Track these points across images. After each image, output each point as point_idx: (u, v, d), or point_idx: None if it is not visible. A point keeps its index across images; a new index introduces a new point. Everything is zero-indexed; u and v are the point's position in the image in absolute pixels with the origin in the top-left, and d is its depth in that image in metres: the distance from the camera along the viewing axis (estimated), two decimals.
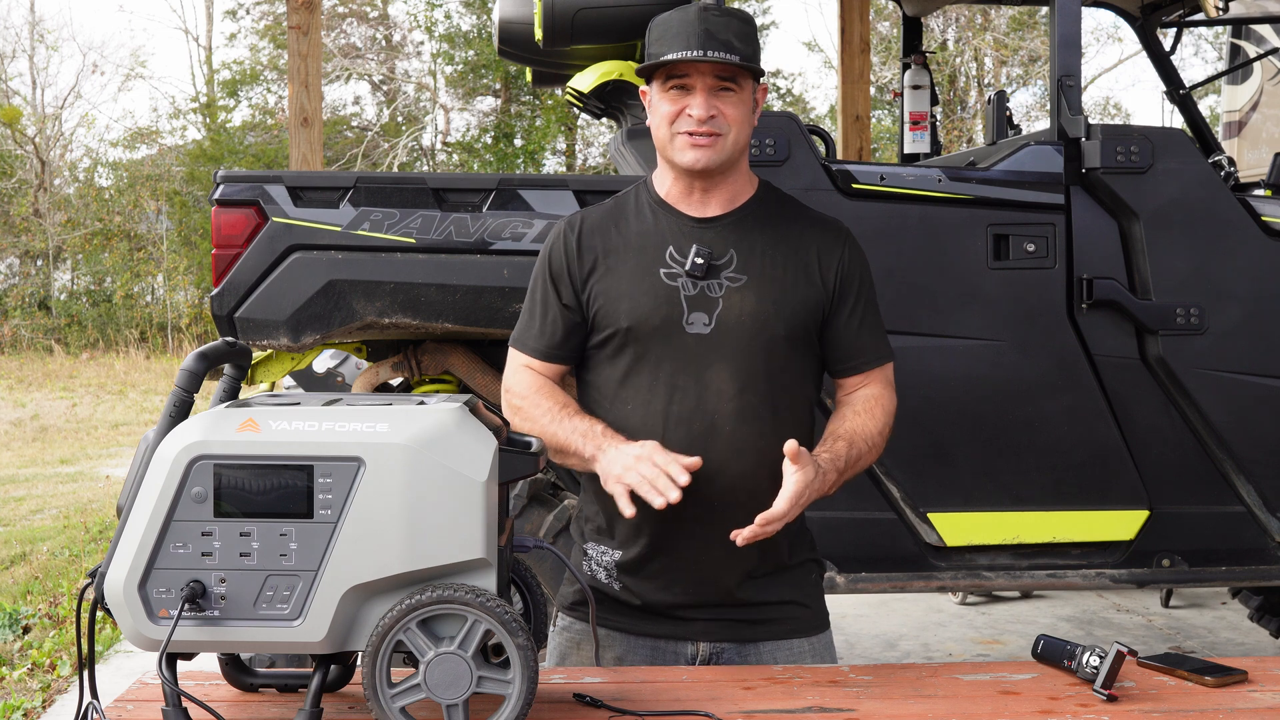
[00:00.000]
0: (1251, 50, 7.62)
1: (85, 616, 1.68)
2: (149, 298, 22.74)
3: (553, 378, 2.19)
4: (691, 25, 2.07)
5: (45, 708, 4.41)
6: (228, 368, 1.96)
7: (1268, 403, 3.48)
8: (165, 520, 1.59)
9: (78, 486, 9.41)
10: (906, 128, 4.88)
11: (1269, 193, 3.72)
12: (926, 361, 3.38)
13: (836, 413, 2.20)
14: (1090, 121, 3.46)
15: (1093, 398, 3.44)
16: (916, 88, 4.90)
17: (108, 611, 1.61)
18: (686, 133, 2.10)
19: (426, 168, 22.74)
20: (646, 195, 2.22)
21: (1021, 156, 3.48)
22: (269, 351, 3.48)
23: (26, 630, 5.39)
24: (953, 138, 19.88)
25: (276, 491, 1.59)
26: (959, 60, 21.41)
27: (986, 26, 20.70)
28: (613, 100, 3.82)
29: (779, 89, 23.76)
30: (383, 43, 24.33)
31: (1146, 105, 39.15)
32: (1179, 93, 4.47)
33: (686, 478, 1.95)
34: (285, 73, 19.92)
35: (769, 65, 26.21)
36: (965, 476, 3.45)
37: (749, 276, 2.12)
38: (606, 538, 2.18)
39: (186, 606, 1.58)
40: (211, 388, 2.57)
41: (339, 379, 6.05)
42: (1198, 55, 22.09)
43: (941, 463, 3.43)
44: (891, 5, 7.84)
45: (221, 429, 1.61)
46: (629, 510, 1.97)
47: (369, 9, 23.96)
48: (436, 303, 3.24)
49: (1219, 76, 9.57)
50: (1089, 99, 21.81)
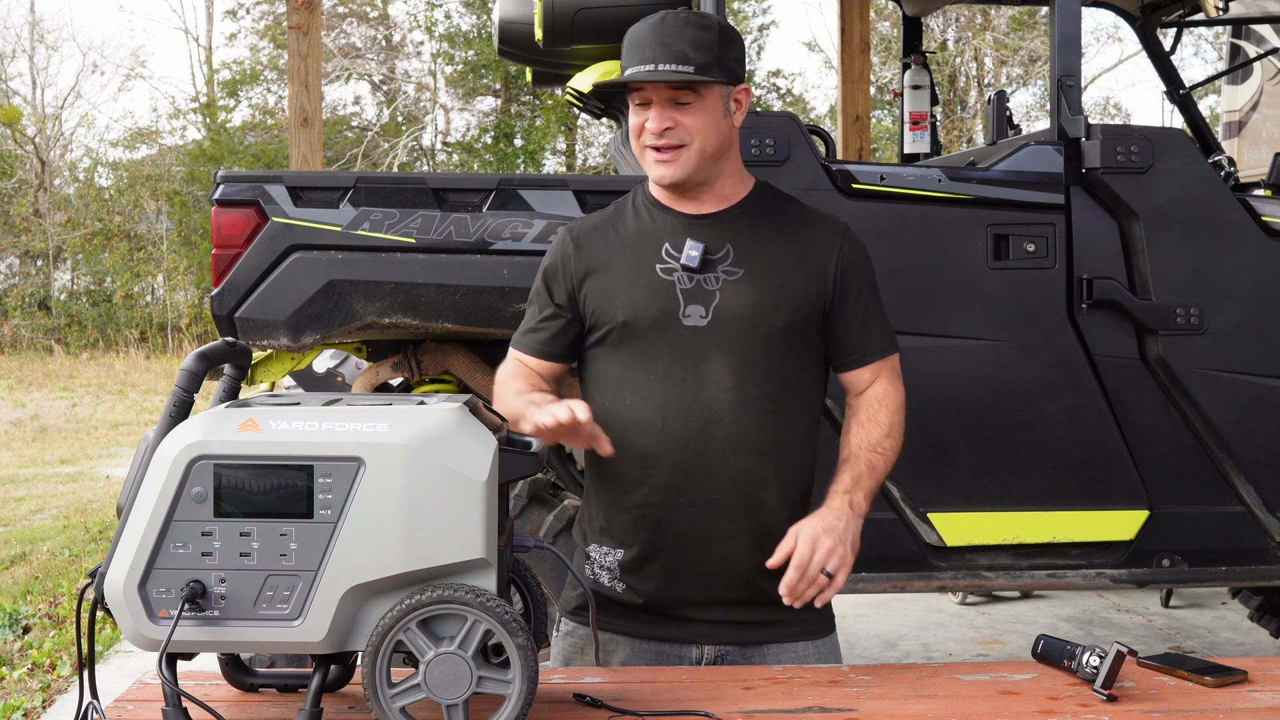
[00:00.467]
0: (1251, 50, 7.62)
1: (85, 616, 1.68)
2: (149, 298, 22.74)
3: (543, 374, 2.20)
4: (647, 39, 2.08)
5: (45, 708, 4.41)
6: (228, 368, 1.96)
7: (1268, 403, 3.48)
8: (165, 520, 1.59)
9: (78, 486, 9.41)
10: (906, 128, 4.88)
11: (1269, 193, 3.72)
12: (926, 361, 3.38)
13: (842, 432, 2.20)
14: (1090, 121, 3.46)
15: (1093, 398, 3.44)
16: (916, 88, 4.90)
17: (108, 611, 1.62)
18: (650, 147, 2.12)
19: (426, 168, 22.74)
20: (643, 197, 2.23)
21: (1021, 156, 3.48)
22: (269, 351, 3.48)
23: (26, 630, 5.39)
24: (953, 138, 19.88)
25: (276, 491, 1.59)
26: (959, 60, 21.41)
27: (986, 26, 20.70)
28: (613, 100, 3.82)
29: (779, 89, 23.74)
30: (383, 43, 24.33)
31: (1146, 105, 39.17)
32: (1179, 93, 4.47)
33: (569, 416, 1.91)
34: (285, 73, 19.92)
35: (769, 65, 26.24)
36: (965, 476, 3.45)
37: (746, 270, 2.12)
38: (608, 538, 2.18)
39: (186, 606, 1.58)
40: (211, 388, 2.57)
41: (339, 379, 6.05)
42: (1198, 55, 22.11)
43: (941, 463, 3.43)
44: (891, 5, 7.83)
45: (221, 429, 1.61)
46: (607, 449, 2.01)
47: (369, 9, 23.96)
48: (436, 303, 3.24)
49: (1219, 76, 9.57)
50: (1089, 99, 21.81)
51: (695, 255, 2.10)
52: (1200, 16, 4.37)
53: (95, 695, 1.69)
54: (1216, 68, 18.16)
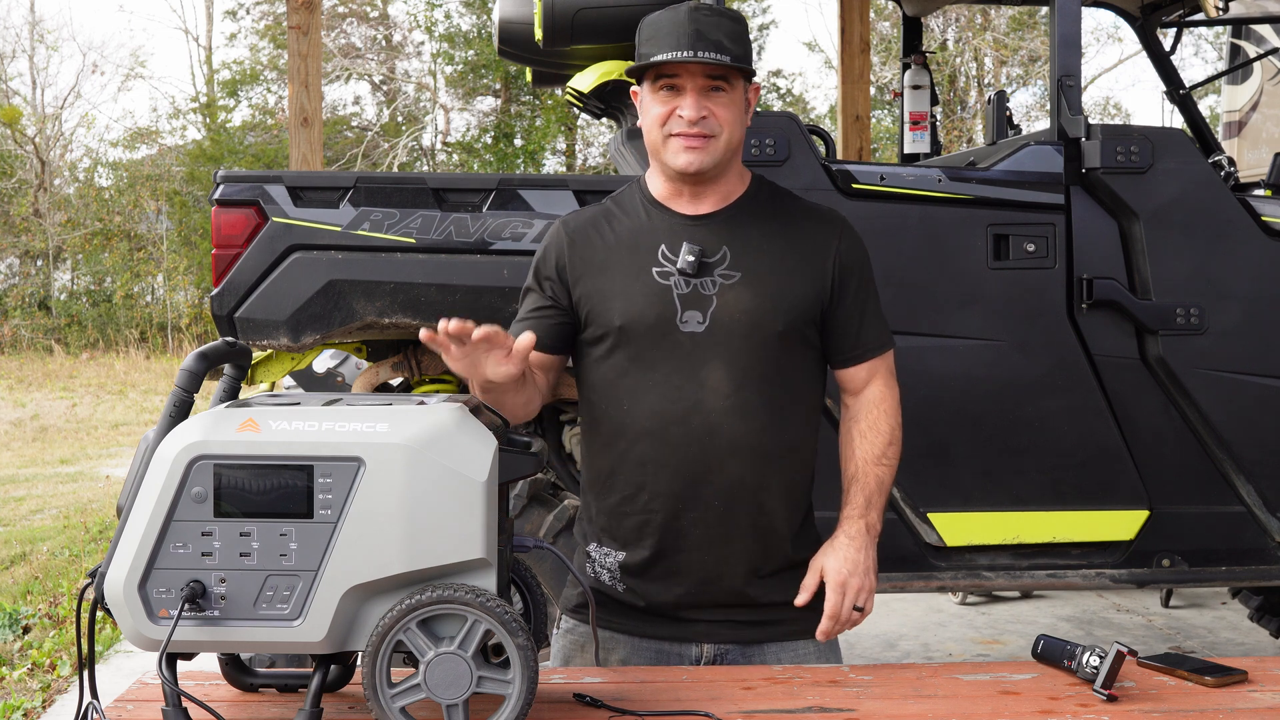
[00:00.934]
0: (1251, 50, 7.62)
1: (85, 616, 1.68)
2: (149, 298, 22.74)
3: (530, 363, 2.15)
4: (682, 25, 2.05)
5: (45, 708, 4.41)
6: (228, 368, 1.96)
7: (1268, 403, 3.48)
8: (165, 520, 1.59)
9: (78, 486, 9.41)
10: (906, 128, 4.88)
11: (1269, 193, 3.72)
12: (926, 361, 3.38)
13: (844, 441, 2.19)
14: (1090, 121, 3.46)
15: (1093, 398, 3.44)
16: (916, 88, 4.90)
17: (108, 611, 1.61)
18: (679, 135, 2.09)
19: (426, 168, 22.74)
20: (639, 194, 2.21)
21: (1021, 156, 3.48)
22: (269, 351, 3.48)
23: (26, 630, 5.39)
24: (953, 138, 19.88)
25: (276, 491, 1.59)
26: (959, 60, 21.41)
27: (986, 26, 20.70)
28: (613, 100, 3.82)
29: (779, 89, 23.75)
30: (383, 43, 24.33)
31: (1146, 105, 39.18)
32: (1179, 93, 4.47)
33: (458, 325, 1.80)
34: (285, 73, 19.92)
35: (769, 65, 26.26)
36: (965, 476, 3.45)
37: (743, 273, 2.11)
38: (609, 539, 2.17)
39: (186, 606, 1.58)
40: (211, 388, 2.57)
41: (339, 379, 6.05)
42: (1198, 55, 22.11)
43: (941, 463, 3.43)
44: (891, 5, 7.83)
45: (221, 429, 1.61)
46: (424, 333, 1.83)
47: (369, 9, 23.96)
48: (436, 303, 3.24)
49: (1219, 76, 9.57)
50: (1089, 99, 21.81)
51: (691, 260, 2.09)
52: (1200, 16, 4.37)
53: (95, 695, 1.69)
54: (1216, 68, 18.17)
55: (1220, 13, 3.79)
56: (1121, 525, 3.48)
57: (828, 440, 2.24)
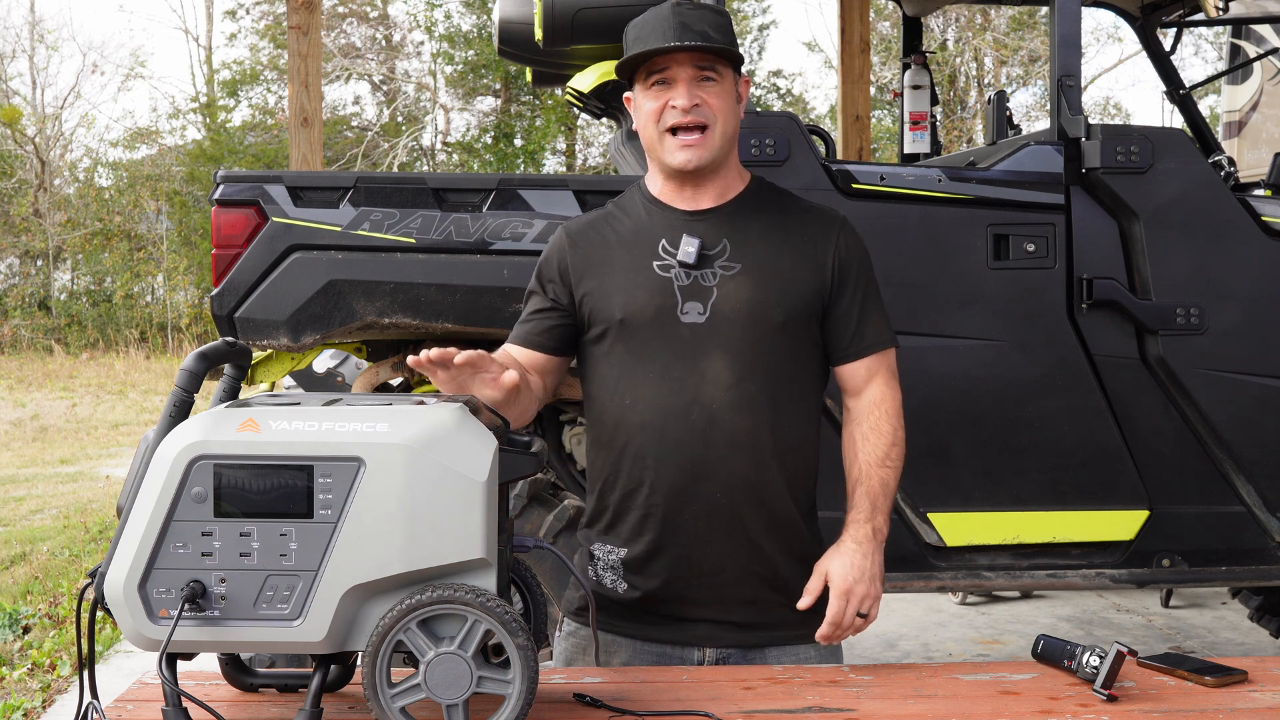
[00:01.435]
0: (1251, 50, 7.62)
1: (85, 616, 1.68)
2: (149, 298, 22.74)
3: (528, 364, 2.16)
4: (666, 20, 2.08)
5: (45, 708, 4.41)
6: (228, 368, 1.96)
7: (1268, 403, 3.48)
8: (165, 520, 1.59)
9: (78, 486, 9.41)
10: (906, 128, 4.88)
11: (1269, 193, 3.72)
12: (926, 361, 3.38)
13: (846, 444, 2.19)
14: (1090, 121, 3.46)
15: (1093, 398, 3.44)
16: (916, 88, 4.90)
17: (108, 611, 1.61)
18: (674, 130, 2.10)
19: (426, 168, 22.74)
20: (639, 194, 2.23)
21: (1021, 156, 3.48)
22: (269, 351, 3.48)
23: (26, 630, 5.39)
24: (953, 138, 19.88)
25: (276, 491, 1.59)
26: (959, 60, 21.41)
27: (986, 26, 20.70)
28: (613, 100, 3.82)
29: (779, 89, 23.74)
30: (383, 43, 24.33)
31: (1146, 105, 39.17)
32: (1179, 93, 4.47)
33: (439, 353, 1.82)
34: (285, 73, 19.92)
35: (769, 65, 26.26)
36: (965, 476, 3.45)
37: (743, 265, 2.11)
38: (612, 536, 2.17)
39: (186, 606, 1.58)
40: (211, 388, 2.57)
41: (339, 379, 6.06)
42: (1198, 55, 22.11)
43: (941, 463, 3.43)
44: (891, 5, 7.83)
45: (221, 429, 1.61)
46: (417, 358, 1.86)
47: (369, 9, 23.96)
48: (436, 303, 3.25)
49: (1219, 76, 9.57)
50: (1089, 99, 21.81)
51: (692, 251, 2.10)
52: (1200, 16, 4.37)
53: (95, 695, 1.69)
54: (1216, 68, 18.17)
55: (1220, 13, 3.79)
56: (1121, 525, 3.48)
57: (829, 440, 2.24)
